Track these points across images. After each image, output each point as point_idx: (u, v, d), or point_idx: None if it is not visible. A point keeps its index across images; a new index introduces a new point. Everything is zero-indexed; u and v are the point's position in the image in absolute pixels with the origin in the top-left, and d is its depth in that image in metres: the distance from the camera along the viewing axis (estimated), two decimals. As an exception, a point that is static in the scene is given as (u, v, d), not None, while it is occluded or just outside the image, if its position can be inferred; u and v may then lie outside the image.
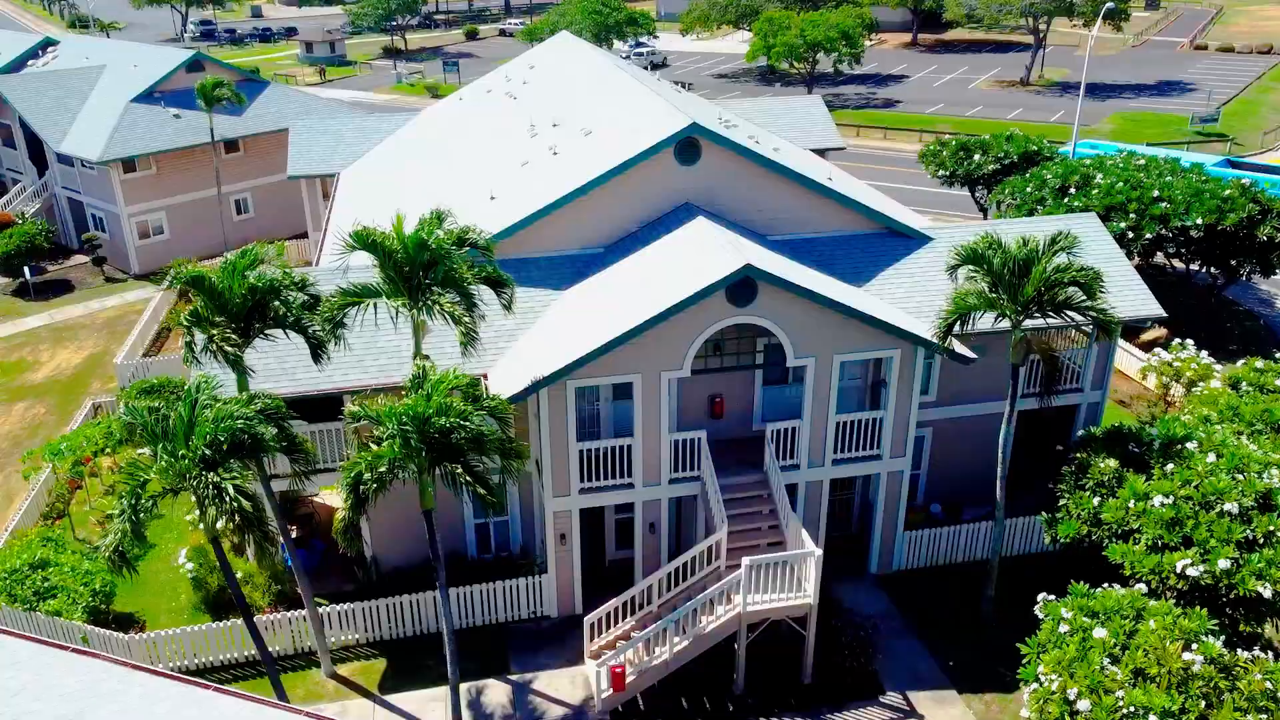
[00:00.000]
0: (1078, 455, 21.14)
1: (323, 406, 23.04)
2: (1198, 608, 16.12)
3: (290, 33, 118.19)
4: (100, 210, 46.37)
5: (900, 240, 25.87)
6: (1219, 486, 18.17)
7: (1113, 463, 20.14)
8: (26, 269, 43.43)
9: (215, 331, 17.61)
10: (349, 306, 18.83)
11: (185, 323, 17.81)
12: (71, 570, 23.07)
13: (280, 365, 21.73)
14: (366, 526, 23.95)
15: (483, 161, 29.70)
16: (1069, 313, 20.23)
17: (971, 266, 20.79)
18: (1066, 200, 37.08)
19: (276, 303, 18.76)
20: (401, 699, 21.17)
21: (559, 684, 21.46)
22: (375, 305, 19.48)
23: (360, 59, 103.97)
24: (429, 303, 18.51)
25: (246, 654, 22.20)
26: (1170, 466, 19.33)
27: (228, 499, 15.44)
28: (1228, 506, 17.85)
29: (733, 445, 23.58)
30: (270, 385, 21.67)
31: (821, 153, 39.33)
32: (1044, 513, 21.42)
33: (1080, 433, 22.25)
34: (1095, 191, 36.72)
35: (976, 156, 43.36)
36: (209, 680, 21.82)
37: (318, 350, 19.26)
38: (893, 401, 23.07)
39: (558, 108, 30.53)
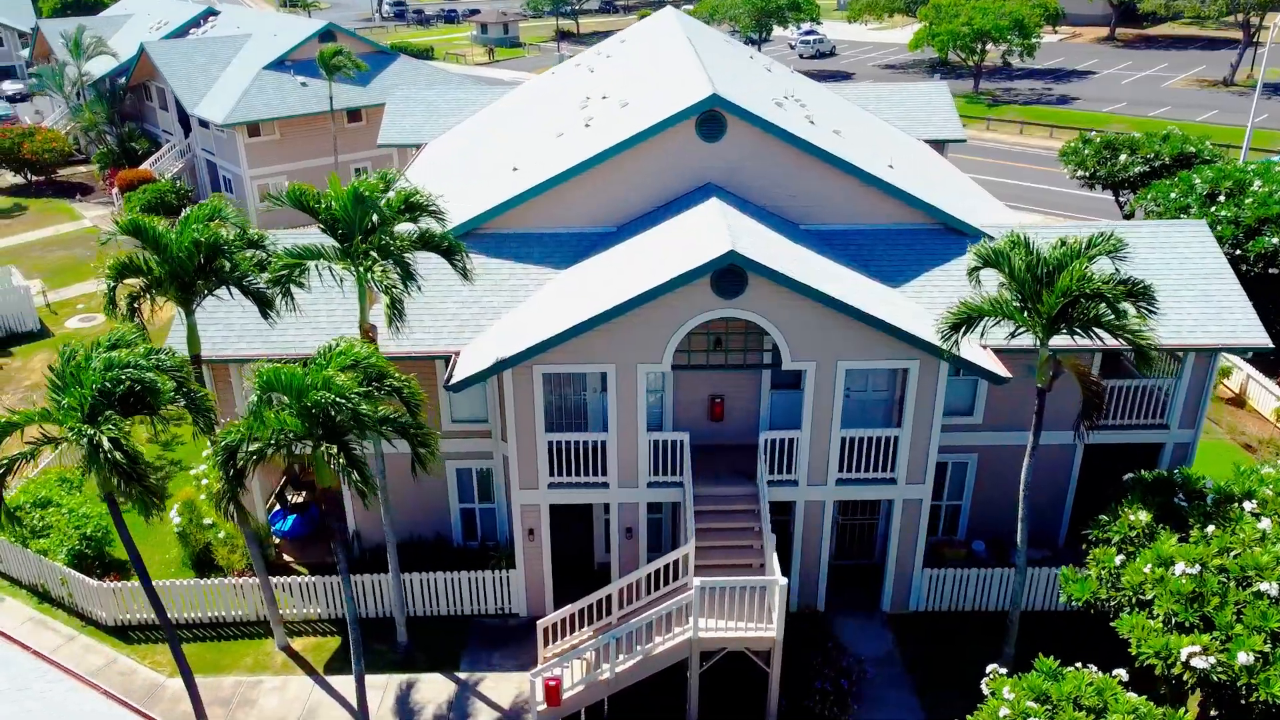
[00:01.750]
0: (1121, 501, 17.72)
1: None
2: (1180, 709, 12.84)
3: (473, 14, 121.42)
4: (229, 172, 48.41)
5: (955, 238, 22.75)
6: (1259, 560, 14.57)
7: (1145, 515, 16.69)
8: (153, 224, 45.73)
9: (131, 282, 17.09)
10: (291, 268, 17.98)
11: (108, 270, 17.41)
12: (69, 512, 23.54)
13: (256, 327, 21.21)
14: (349, 500, 23.34)
15: (531, 134, 28.47)
16: (1098, 332, 16.87)
17: (997, 271, 17.72)
18: (1214, 209, 32.18)
19: (223, 259, 18.12)
20: (341, 682, 20.28)
21: (503, 689, 20.02)
22: (329, 269, 18.63)
23: (531, 41, 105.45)
24: (364, 268, 17.41)
25: (210, 614, 21.97)
26: (1211, 528, 15.78)
27: (104, 453, 14.83)
28: (1265, 586, 14.27)
29: (733, 452, 21.36)
30: (244, 346, 21.31)
31: (940, 144, 36.23)
32: (1069, 566, 18.10)
33: (1127, 476, 18.67)
34: (1249, 200, 31.69)
35: (1122, 157, 38.62)
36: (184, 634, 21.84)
37: (264, 310, 18.53)
38: (910, 419, 20.21)
39: (618, 81, 28.91)
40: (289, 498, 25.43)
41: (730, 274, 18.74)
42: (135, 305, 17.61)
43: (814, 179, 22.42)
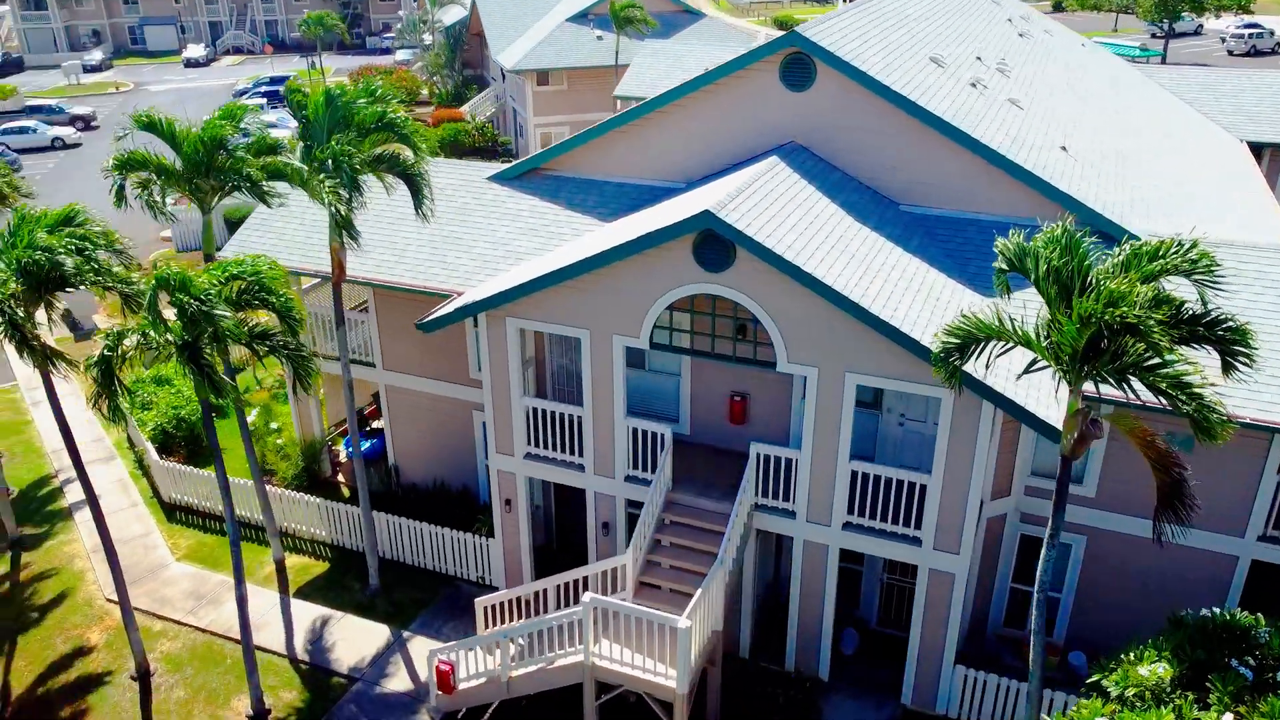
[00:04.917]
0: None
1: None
2: None
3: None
4: (522, 117, 50.28)
5: (1101, 242, 16.87)
6: (1253, 782, 8.91)
7: (1165, 670, 11.09)
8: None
9: (142, 175, 17.40)
10: (270, 171, 17.47)
11: (112, 163, 17.74)
12: (177, 393, 25.42)
13: (306, 241, 21.17)
14: (389, 434, 22.85)
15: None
16: (1133, 381, 11.33)
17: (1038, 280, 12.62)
18: None
19: (233, 160, 17.97)
20: (301, 607, 19.82)
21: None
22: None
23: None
24: (315, 180, 16.40)
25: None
26: (1229, 716, 10.02)
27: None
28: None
29: (744, 462, 17.71)
30: (284, 257, 21.17)
31: (1259, 147, 28.82)
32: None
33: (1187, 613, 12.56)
34: None
35: None
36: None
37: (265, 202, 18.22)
38: (941, 464, 15.37)
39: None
40: (371, 422, 25.54)
41: (712, 240, 15.27)
42: (146, 198, 17.97)
43: (922, 149, 17.82)
